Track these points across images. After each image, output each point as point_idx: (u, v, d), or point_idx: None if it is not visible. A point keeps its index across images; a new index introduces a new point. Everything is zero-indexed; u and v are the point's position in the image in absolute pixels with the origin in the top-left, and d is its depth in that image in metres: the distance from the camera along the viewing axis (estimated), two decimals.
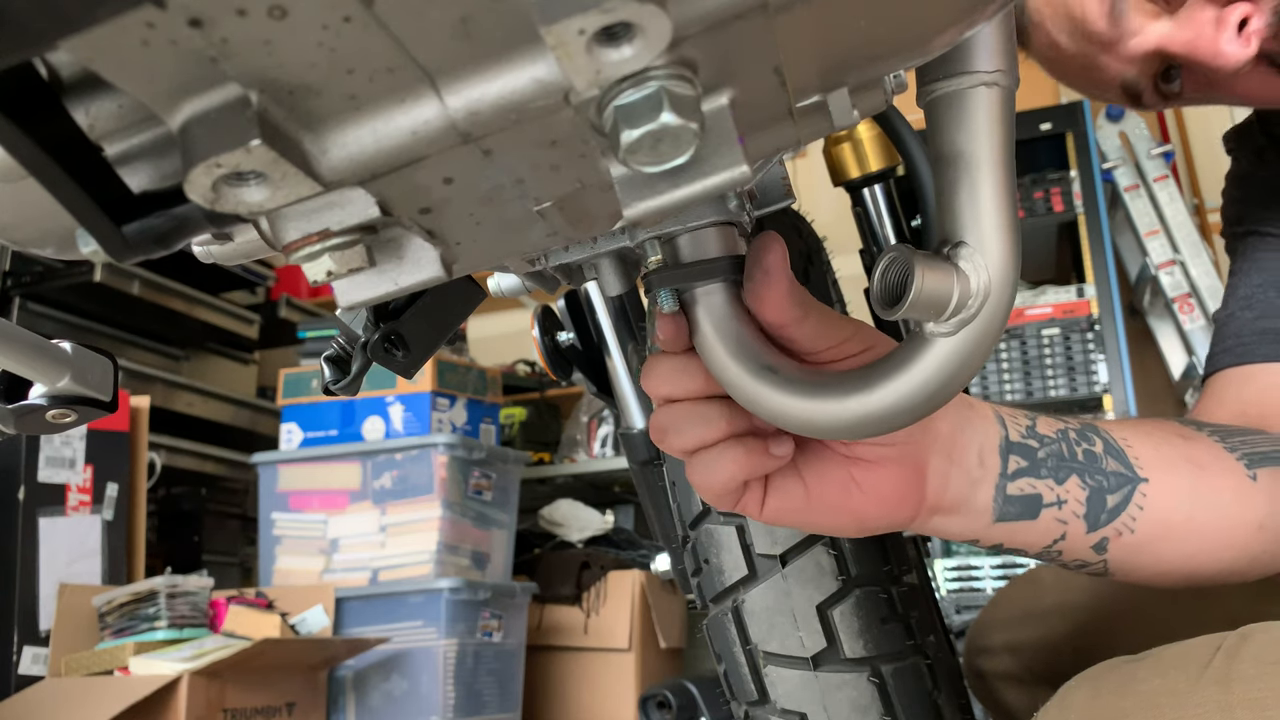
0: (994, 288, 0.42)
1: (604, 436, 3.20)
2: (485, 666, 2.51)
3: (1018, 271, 0.43)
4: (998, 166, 0.42)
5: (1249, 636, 0.50)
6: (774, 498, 0.52)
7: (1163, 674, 0.51)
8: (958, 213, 0.43)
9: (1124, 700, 0.51)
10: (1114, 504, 0.57)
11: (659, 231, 0.48)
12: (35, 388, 0.47)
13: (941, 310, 0.42)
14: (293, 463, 2.64)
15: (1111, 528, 0.57)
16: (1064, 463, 0.57)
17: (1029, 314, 2.73)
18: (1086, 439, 0.58)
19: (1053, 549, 0.58)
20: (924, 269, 0.41)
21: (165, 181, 0.31)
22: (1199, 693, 0.48)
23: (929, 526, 0.55)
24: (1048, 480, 0.56)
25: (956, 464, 0.54)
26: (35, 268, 2.76)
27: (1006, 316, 0.43)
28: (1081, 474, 0.57)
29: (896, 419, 0.45)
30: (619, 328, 0.84)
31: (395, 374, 0.55)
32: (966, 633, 1.01)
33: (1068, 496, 0.56)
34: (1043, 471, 0.56)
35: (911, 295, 0.41)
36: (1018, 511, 0.55)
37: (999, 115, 0.42)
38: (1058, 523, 0.56)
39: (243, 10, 0.24)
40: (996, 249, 0.42)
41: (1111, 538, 0.57)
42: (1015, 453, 0.55)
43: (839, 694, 0.62)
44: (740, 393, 0.47)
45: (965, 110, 0.42)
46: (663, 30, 0.25)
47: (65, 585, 2.22)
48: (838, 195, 0.87)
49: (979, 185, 0.42)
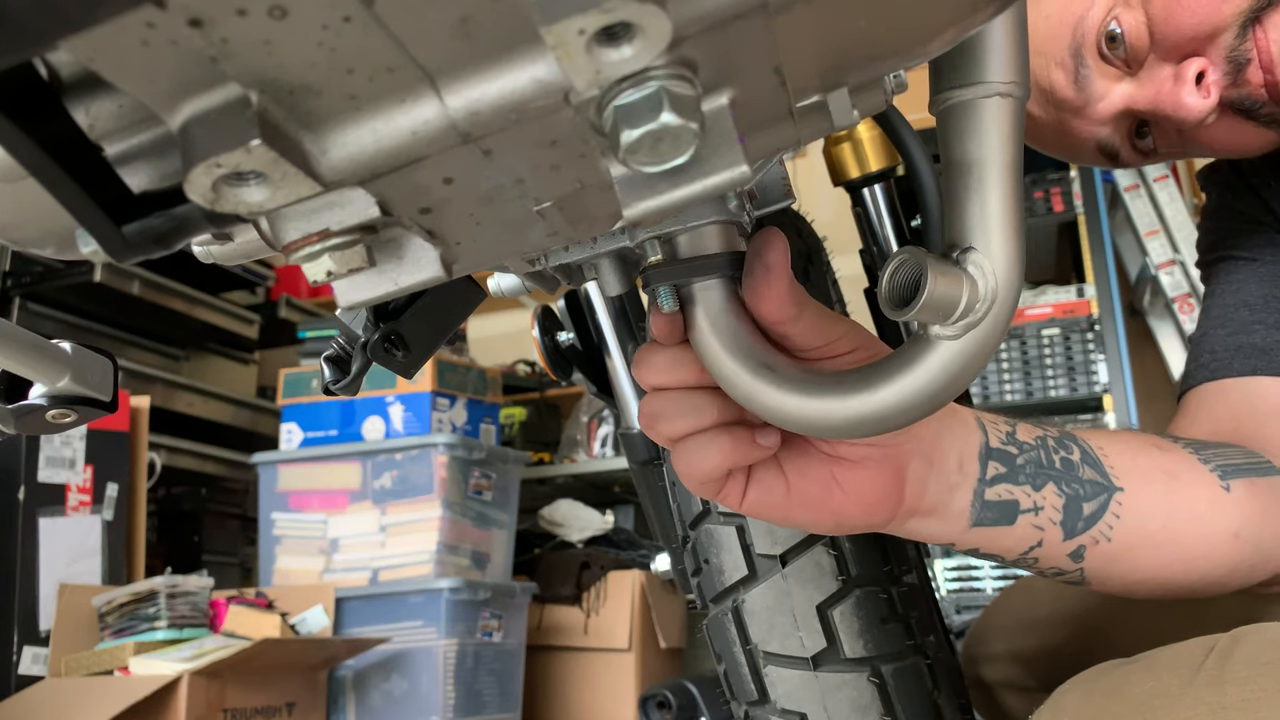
0: (1000, 293, 0.43)
1: (604, 436, 3.20)
2: (485, 666, 2.51)
3: (1022, 278, 0.44)
4: (1007, 175, 0.43)
5: (1241, 638, 0.51)
6: (755, 490, 0.52)
7: (1156, 676, 0.51)
8: (967, 219, 0.43)
9: (1117, 703, 0.52)
10: (1090, 512, 0.58)
11: (659, 231, 0.48)
12: (35, 388, 0.47)
13: (950, 313, 0.42)
14: (293, 463, 2.64)
15: (1088, 535, 0.58)
16: (1042, 470, 0.57)
17: (1029, 314, 2.73)
18: (1064, 447, 0.59)
19: (1029, 555, 0.58)
20: (936, 272, 0.42)
21: (165, 181, 0.31)
22: (1192, 694, 0.49)
23: (906, 528, 0.56)
24: (1025, 486, 0.56)
25: (936, 468, 0.54)
26: (35, 268, 2.76)
27: (1009, 321, 0.44)
28: (1059, 481, 0.57)
29: (896, 419, 0.45)
30: (619, 328, 0.84)
31: (395, 374, 0.55)
32: (963, 641, 1.00)
33: (1044, 503, 0.57)
34: (1021, 478, 0.56)
35: (924, 298, 0.41)
36: (995, 517, 0.56)
37: (1010, 125, 0.43)
38: (1034, 529, 0.57)
39: (243, 10, 0.24)
40: (1003, 256, 0.43)
41: (1088, 546, 0.58)
42: (995, 458, 0.56)
43: (839, 694, 0.62)
44: (737, 390, 0.47)
45: (978, 120, 0.43)
46: (663, 30, 0.25)
47: (65, 585, 2.22)
48: (838, 195, 0.86)
49: (989, 193, 0.43)
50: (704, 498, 0.55)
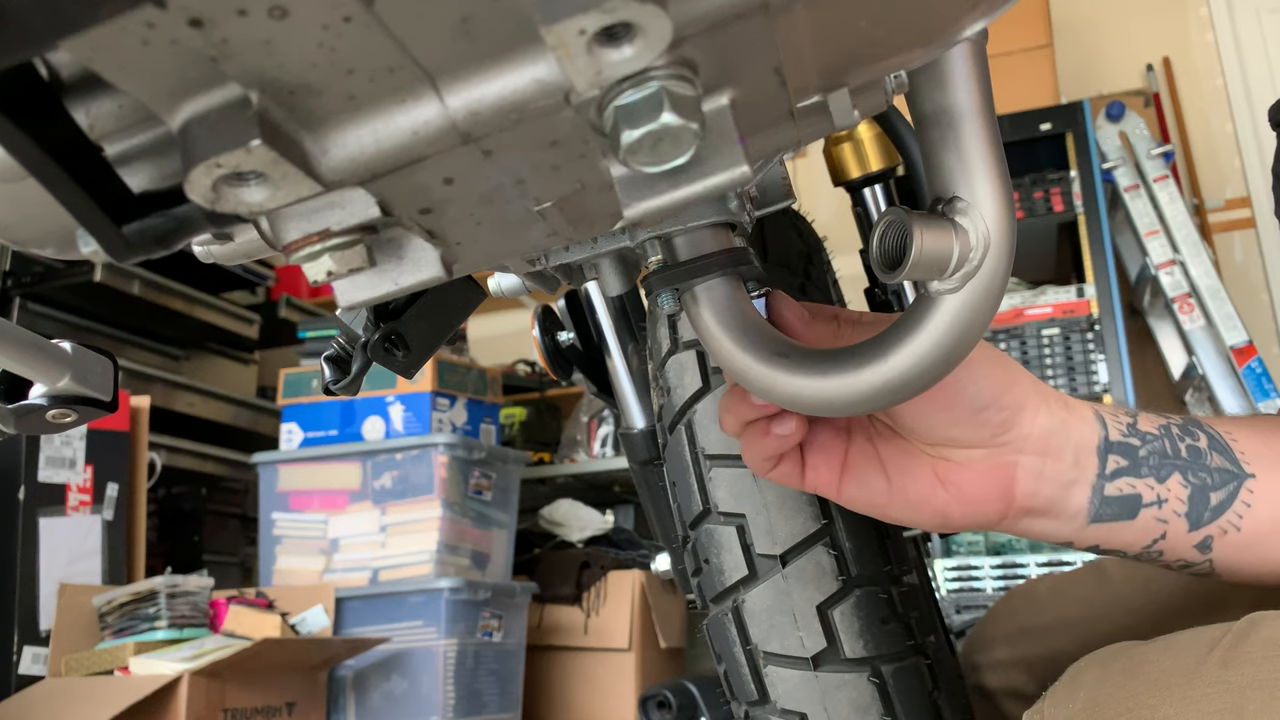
0: (993, 238, 0.42)
1: (604, 436, 3.20)
2: (485, 666, 2.50)
3: (1014, 218, 0.43)
4: (979, 117, 0.42)
5: (1259, 621, 0.50)
6: (852, 486, 0.53)
7: (1173, 655, 0.51)
8: (947, 168, 0.42)
9: (1133, 680, 0.51)
10: (1218, 501, 0.56)
11: (659, 231, 0.48)
12: (35, 388, 0.47)
13: (944, 268, 0.41)
14: (293, 463, 2.64)
15: (1215, 526, 0.56)
16: (1166, 460, 0.55)
17: (1029, 314, 2.73)
18: (1190, 434, 0.57)
19: (1152, 549, 0.56)
20: (921, 229, 0.41)
21: (165, 181, 0.31)
22: (1207, 673, 0.48)
23: (1018, 528, 0.55)
24: (1148, 479, 0.55)
25: (1049, 465, 0.53)
26: (35, 268, 2.76)
27: (1009, 265, 0.43)
28: (1184, 471, 0.55)
29: (914, 384, 0.44)
30: (619, 328, 0.84)
31: (395, 374, 0.55)
32: (963, 648, 1.00)
33: (1168, 495, 0.55)
34: (1144, 470, 0.55)
35: (912, 256, 0.40)
36: (1115, 512, 0.54)
37: (972, 67, 0.42)
38: (1157, 522, 0.55)
39: (243, 10, 0.24)
40: (990, 199, 0.42)
41: (1216, 536, 0.56)
42: (1115, 452, 0.54)
43: (839, 694, 0.62)
44: (753, 382, 0.46)
45: (938, 67, 0.42)
46: (663, 30, 0.25)
47: (65, 585, 2.22)
48: (838, 195, 0.87)
49: (964, 138, 0.42)
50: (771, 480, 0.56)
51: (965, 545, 2.69)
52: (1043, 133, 2.81)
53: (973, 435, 0.52)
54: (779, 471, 0.54)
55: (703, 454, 0.64)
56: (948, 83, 0.42)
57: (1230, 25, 3.60)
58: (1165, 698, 0.49)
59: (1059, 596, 0.91)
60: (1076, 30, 3.64)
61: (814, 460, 0.54)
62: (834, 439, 0.54)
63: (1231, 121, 3.53)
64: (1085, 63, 3.61)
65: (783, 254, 0.74)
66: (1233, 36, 3.59)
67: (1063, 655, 0.89)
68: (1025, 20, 3.07)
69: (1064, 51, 3.43)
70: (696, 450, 0.65)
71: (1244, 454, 0.57)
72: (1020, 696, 0.93)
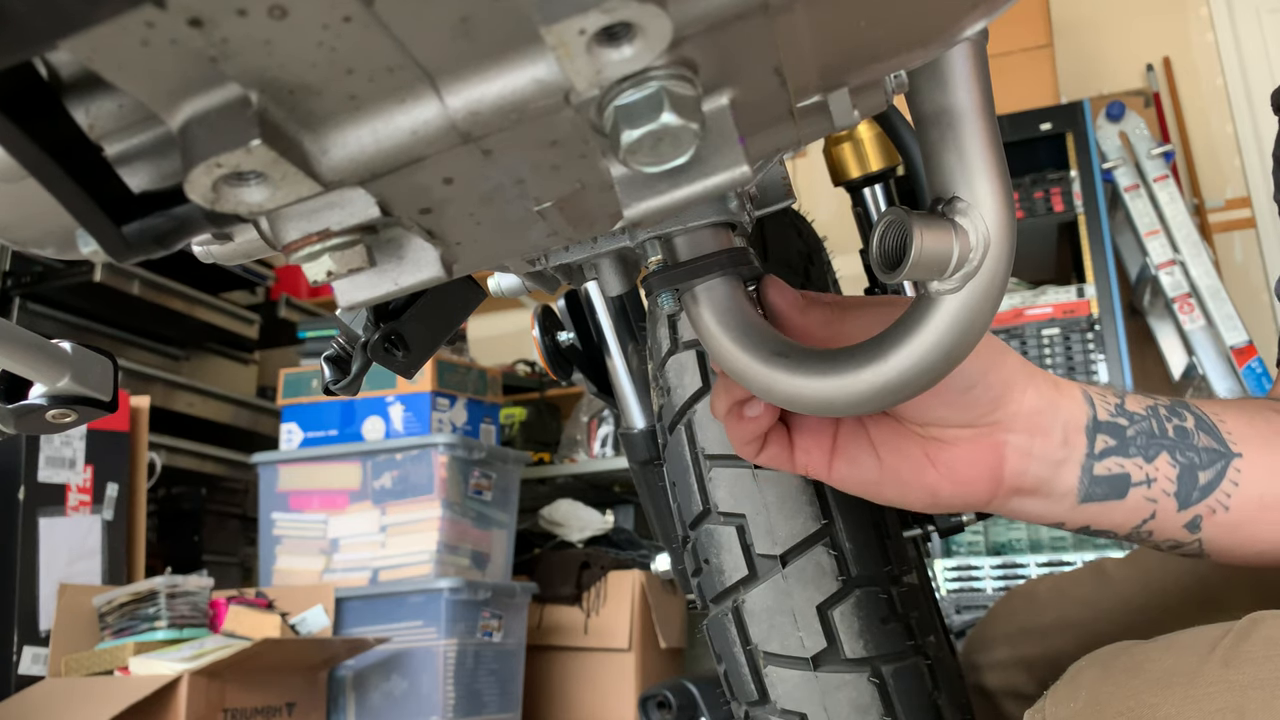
0: (993, 238, 0.42)
1: (604, 436, 3.20)
2: (485, 666, 2.50)
3: (1014, 218, 0.43)
4: (980, 117, 0.42)
5: (1260, 621, 0.50)
6: (844, 466, 0.53)
7: (1175, 654, 0.51)
8: (947, 168, 0.42)
9: (1134, 679, 0.51)
10: (1206, 480, 0.56)
11: (659, 231, 0.48)
12: (35, 388, 0.47)
13: (944, 268, 0.41)
14: (293, 463, 2.64)
15: (1204, 505, 0.56)
16: (1154, 439, 0.55)
17: (1029, 314, 2.73)
18: (1177, 414, 0.57)
19: (1142, 529, 0.56)
20: (921, 229, 0.41)
21: (165, 181, 0.31)
22: (1209, 673, 0.48)
23: (1009, 508, 0.55)
24: (1137, 458, 0.55)
25: (1038, 444, 0.53)
26: (35, 268, 2.76)
27: (1009, 265, 0.43)
28: (1172, 450, 0.55)
29: (914, 384, 0.44)
30: (619, 328, 0.84)
31: (395, 374, 0.55)
32: (963, 648, 1.00)
33: (1157, 474, 0.55)
34: (1132, 450, 0.55)
35: (912, 256, 0.40)
36: (1104, 492, 0.54)
37: (972, 67, 0.42)
38: (1147, 501, 0.55)
39: (243, 10, 0.24)
40: (990, 199, 0.42)
41: (1205, 516, 0.56)
42: (1103, 432, 0.55)
43: (839, 694, 0.62)
44: (753, 382, 0.47)
45: (938, 67, 0.42)
46: (663, 30, 0.25)
47: (65, 585, 2.22)
48: (838, 195, 0.87)
49: (964, 138, 0.42)
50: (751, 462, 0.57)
51: (965, 545, 2.69)
52: (1043, 133, 2.81)
53: (961, 414, 0.52)
54: (767, 454, 0.54)
55: (703, 454, 0.64)
56: (948, 83, 0.42)
57: (1230, 25, 3.60)
58: (1166, 697, 0.49)
59: (1059, 597, 0.91)
60: (1076, 30, 3.64)
61: (804, 442, 0.54)
62: (823, 420, 0.54)
63: (1231, 121, 3.53)
64: (1085, 63, 3.61)
65: (783, 254, 0.74)
66: (1233, 36, 3.59)
67: (1063, 655, 0.89)
68: (1025, 20, 3.07)
69: (1064, 51, 3.43)
70: (696, 450, 0.65)
71: (1231, 434, 0.57)
72: (1020, 696, 0.93)
